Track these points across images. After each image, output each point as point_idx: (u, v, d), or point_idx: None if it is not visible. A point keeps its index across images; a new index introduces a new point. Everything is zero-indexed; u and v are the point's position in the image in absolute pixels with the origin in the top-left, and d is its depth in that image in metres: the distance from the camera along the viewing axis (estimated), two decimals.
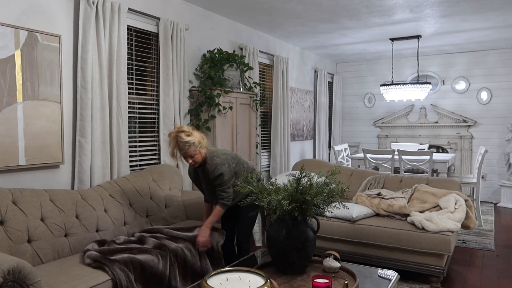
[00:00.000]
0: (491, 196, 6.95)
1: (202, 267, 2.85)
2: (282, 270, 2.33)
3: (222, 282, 1.87)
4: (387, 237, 3.45)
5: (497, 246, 4.44)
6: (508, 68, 6.76)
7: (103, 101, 3.25)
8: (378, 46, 6.56)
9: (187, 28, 4.15)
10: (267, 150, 5.86)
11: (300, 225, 2.31)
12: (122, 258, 2.42)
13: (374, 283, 2.35)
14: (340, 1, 4.25)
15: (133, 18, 3.63)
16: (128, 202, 3.19)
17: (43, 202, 2.64)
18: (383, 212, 3.72)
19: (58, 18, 3.02)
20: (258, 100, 5.00)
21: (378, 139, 7.95)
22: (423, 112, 7.43)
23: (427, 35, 5.76)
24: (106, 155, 3.29)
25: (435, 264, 3.29)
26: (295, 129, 6.66)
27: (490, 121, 6.93)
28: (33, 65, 2.81)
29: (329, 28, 5.37)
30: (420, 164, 5.40)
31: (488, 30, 5.51)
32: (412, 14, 4.73)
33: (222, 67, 4.28)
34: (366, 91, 8.09)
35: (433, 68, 7.37)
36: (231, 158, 2.96)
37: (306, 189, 2.28)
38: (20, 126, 2.74)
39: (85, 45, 3.09)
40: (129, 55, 3.63)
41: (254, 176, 2.54)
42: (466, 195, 3.81)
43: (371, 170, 4.59)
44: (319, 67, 7.47)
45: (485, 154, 5.31)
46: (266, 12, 4.67)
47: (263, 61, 5.69)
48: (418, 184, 3.98)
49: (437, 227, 3.27)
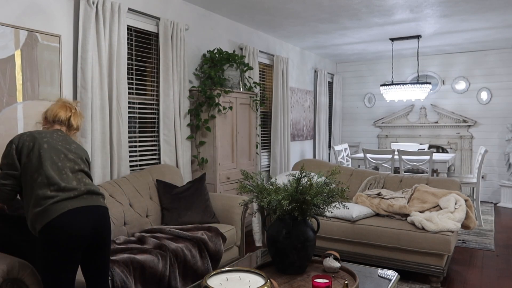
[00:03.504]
0: (491, 196, 6.95)
1: (202, 267, 2.86)
2: (282, 270, 2.33)
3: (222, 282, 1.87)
4: (387, 237, 3.45)
5: (497, 246, 4.44)
6: (508, 68, 6.76)
7: (103, 101, 3.25)
8: (378, 46, 6.56)
9: (187, 28, 4.15)
10: (267, 150, 5.86)
11: (300, 225, 2.31)
12: (122, 258, 2.42)
13: (374, 283, 2.35)
14: (340, 1, 4.24)
15: (133, 18, 3.63)
16: (128, 202, 3.19)
17: None
18: (383, 212, 3.72)
19: (58, 18, 3.03)
20: (258, 100, 5.00)
21: (378, 139, 7.95)
22: (423, 112, 7.43)
23: (427, 35, 5.76)
24: (106, 155, 3.29)
25: (435, 264, 3.29)
26: (295, 129, 6.66)
27: (490, 121, 6.93)
28: (33, 65, 2.81)
29: (329, 28, 5.37)
30: (420, 164, 5.40)
31: (488, 30, 5.51)
32: (412, 14, 4.73)
33: (222, 67, 4.28)
34: (366, 91, 8.09)
35: (433, 68, 7.37)
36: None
37: (306, 189, 2.28)
38: (20, 126, 2.74)
39: (85, 45, 3.09)
40: (129, 55, 3.63)
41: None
42: (466, 195, 3.81)
43: (371, 170, 4.59)
44: (319, 67, 7.47)
45: (485, 154, 5.31)
46: (266, 12, 4.67)
47: (263, 61, 5.69)
48: (418, 184, 3.97)
49: (437, 227, 3.27)
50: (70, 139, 2.15)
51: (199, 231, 3.04)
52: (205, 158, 4.19)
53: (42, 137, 2.02)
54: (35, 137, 2.01)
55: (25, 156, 1.96)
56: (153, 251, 2.58)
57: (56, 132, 2.12)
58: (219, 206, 3.58)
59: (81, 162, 2.08)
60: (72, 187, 1.93)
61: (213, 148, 4.17)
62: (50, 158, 1.96)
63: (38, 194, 1.87)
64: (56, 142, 2.04)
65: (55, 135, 2.09)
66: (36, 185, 1.89)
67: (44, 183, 1.89)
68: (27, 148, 1.97)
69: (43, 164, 1.93)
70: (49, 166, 1.93)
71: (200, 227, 3.14)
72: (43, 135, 2.04)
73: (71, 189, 1.92)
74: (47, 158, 1.96)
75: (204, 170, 4.19)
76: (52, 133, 2.10)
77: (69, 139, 2.14)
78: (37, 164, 1.93)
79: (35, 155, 1.95)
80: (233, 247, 3.45)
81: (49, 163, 1.94)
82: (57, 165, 1.96)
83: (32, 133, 2.05)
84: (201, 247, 2.92)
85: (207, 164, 4.20)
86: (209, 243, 2.97)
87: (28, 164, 1.95)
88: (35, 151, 1.96)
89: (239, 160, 4.56)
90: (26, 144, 1.98)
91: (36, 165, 1.93)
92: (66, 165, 1.99)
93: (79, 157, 2.09)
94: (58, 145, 2.03)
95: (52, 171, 1.93)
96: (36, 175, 1.91)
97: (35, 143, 1.98)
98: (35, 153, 1.96)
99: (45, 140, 2.02)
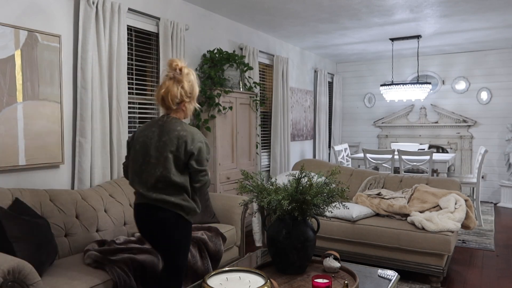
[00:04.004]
0: (491, 196, 6.95)
1: (202, 267, 2.86)
2: (282, 270, 2.33)
3: (222, 282, 1.87)
4: (387, 237, 3.45)
5: (497, 246, 4.44)
6: (508, 68, 6.76)
7: (103, 101, 3.25)
8: (378, 46, 6.56)
9: (187, 28, 4.15)
10: (267, 150, 5.86)
11: (300, 225, 2.31)
12: (122, 258, 2.42)
13: (374, 283, 2.35)
14: (340, 1, 4.24)
15: (133, 18, 3.63)
16: (128, 202, 3.19)
17: (43, 202, 2.64)
18: (383, 212, 3.72)
19: (58, 18, 3.02)
20: (258, 100, 5.00)
21: (378, 139, 7.95)
22: (423, 112, 7.43)
23: (427, 35, 5.76)
24: (106, 155, 3.29)
25: (435, 264, 3.29)
26: (295, 129, 6.66)
27: (490, 121, 6.93)
28: (33, 65, 2.81)
29: (329, 28, 5.37)
30: (420, 164, 5.40)
31: (488, 30, 5.51)
32: (412, 14, 4.73)
33: (222, 67, 4.28)
34: (366, 91, 8.09)
35: (433, 68, 7.37)
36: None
37: (306, 189, 2.28)
38: (20, 126, 2.74)
39: (85, 45, 3.09)
40: (129, 55, 3.63)
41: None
42: (466, 195, 3.81)
43: (371, 170, 4.59)
44: (319, 67, 7.47)
45: (485, 154, 5.31)
46: (266, 12, 4.67)
47: (263, 61, 5.69)
48: (418, 184, 3.97)
49: (437, 227, 3.27)
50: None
51: (199, 231, 3.05)
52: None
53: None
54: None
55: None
56: (153, 251, 2.58)
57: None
58: (219, 206, 3.58)
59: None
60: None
61: (213, 148, 4.17)
62: None
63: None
64: None
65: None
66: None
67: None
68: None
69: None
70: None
71: (200, 227, 3.14)
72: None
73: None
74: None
75: None
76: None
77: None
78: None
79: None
80: (233, 247, 3.45)
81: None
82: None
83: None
84: (201, 247, 2.92)
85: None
86: (209, 243, 2.97)
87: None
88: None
89: (239, 160, 4.56)
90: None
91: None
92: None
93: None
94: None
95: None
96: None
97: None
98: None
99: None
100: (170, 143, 2.11)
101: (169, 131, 2.13)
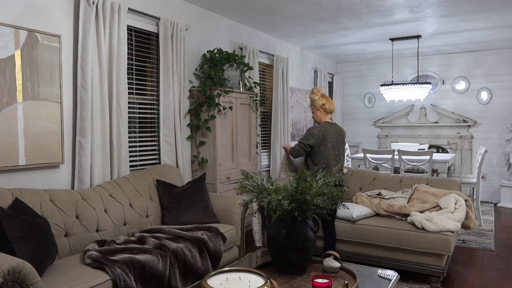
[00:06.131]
0: (491, 196, 6.95)
1: (202, 267, 2.86)
2: (282, 270, 2.34)
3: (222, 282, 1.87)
4: (387, 237, 3.45)
5: (497, 246, 4.44)
6: (508, 68, 6.76)
7: (103, 101, 3.25)
8: (378, 46, 6.56)
9: (187, 28, 4.15)
10: (267, 150, 5.86)
11: (300, 225, 2.31)
12: (122, 258, 2.42)
13: (374, 283, 2.35)
14: (340, 1, 4.25)
15: (133, 18, 3.63)
16: (128, 202, 3.19)
17: (43, 202, 2.64)
18: (383, 212, 3.72)
19: (58, 18, 3.03)
20: (258, 100, 5.00)
21: (378, 139, 7.95)
22: (423, 112, 7.43)
23: (427, 35, 5.76)
24: (106, 155, 3.29)
25: (435, 264, 3.29)
26: (295, 129, 6.66)
27: (490, 121, 6.93)
28: (33, 65, 2.81)
29: (329, 28, 5.38)
30: (420, 164, 5.40)
31: (488, 30, 5.51)
32: (412, 14, 4.73)
33: (222, 67, 4.28)
34: (366, 91, 8.10)
35: (433, 68, 7.37)
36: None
37: (306, 189, 2.28)
38: (20, 126, 2.74)
39: (85, 45, 3.09)
40: (129, 55, 3.63)
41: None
42: (466, 195, 3.81)
43: (371, 170, 4.59)
44: (319, 67, 7.47)
45: (485, 154, 5.31)
46: (266, 12, 4.67)
47: (263, 61, 5.69)
48: (418, 184, 3.97)
49: (437, 227, 3.27)
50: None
51: (199, 231, 3.05)
52: (205, 158, 4.19)
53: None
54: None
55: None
56: (153, 251, 2.58)
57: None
58: (219, 206, 3.58)
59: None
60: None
61: (213, 148, 4.17)
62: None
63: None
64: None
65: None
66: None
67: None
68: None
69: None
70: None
71: (200, 227, 3.14)
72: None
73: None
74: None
75: (204, 170, 4.19)
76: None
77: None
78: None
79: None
80: (233, 247, 3.45)
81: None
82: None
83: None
84: (201, 247, 2.91)
85: (207, 164, 4.20)
86: (209, 243, 2.97)
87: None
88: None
89: (239, 160, 4.56)
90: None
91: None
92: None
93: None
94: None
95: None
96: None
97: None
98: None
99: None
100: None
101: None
